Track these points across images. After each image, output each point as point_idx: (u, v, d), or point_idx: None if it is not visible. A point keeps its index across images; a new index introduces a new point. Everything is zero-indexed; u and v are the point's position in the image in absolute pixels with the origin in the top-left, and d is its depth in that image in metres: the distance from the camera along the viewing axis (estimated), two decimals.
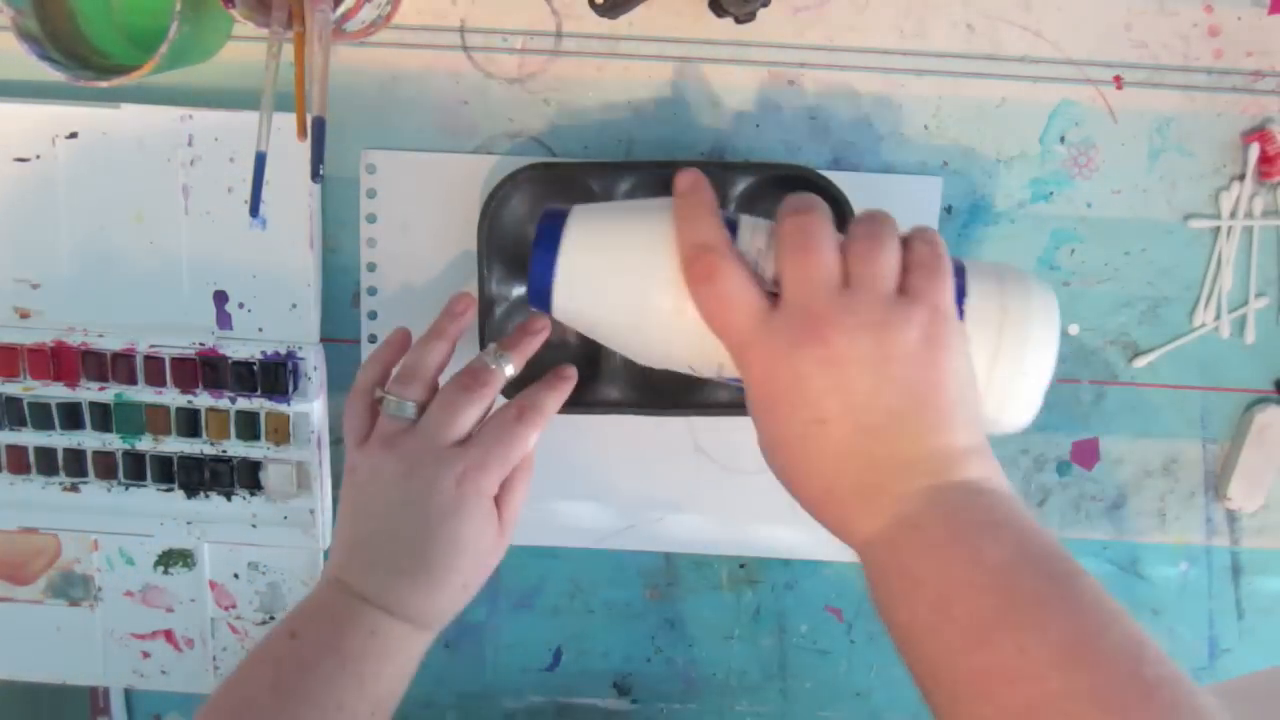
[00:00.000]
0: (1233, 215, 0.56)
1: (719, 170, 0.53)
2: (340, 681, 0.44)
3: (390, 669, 0.45)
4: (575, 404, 0.55)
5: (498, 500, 0.48)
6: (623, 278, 0.43)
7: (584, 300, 0.44)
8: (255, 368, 0.56)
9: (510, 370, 0.50)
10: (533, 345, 0.51)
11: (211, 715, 0.44)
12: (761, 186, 0.54)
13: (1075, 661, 0.33)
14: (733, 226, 0.43)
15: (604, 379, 0.55)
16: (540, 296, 0.44)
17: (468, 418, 0.48)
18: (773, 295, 0.41)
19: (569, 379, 0.52)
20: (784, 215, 0.41)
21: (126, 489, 0.58)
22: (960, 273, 0.43)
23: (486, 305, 0.53)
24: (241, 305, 0.56)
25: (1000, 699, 0.34)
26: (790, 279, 0.40)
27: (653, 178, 0.53)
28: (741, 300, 0.40)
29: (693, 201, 0.42)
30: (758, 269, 0.42)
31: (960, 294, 0.42)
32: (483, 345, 0.53)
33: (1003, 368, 0.41)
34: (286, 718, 0.43)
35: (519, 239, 0.55)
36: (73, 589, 0.60)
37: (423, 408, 0.48)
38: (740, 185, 0.53)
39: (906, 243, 0.41)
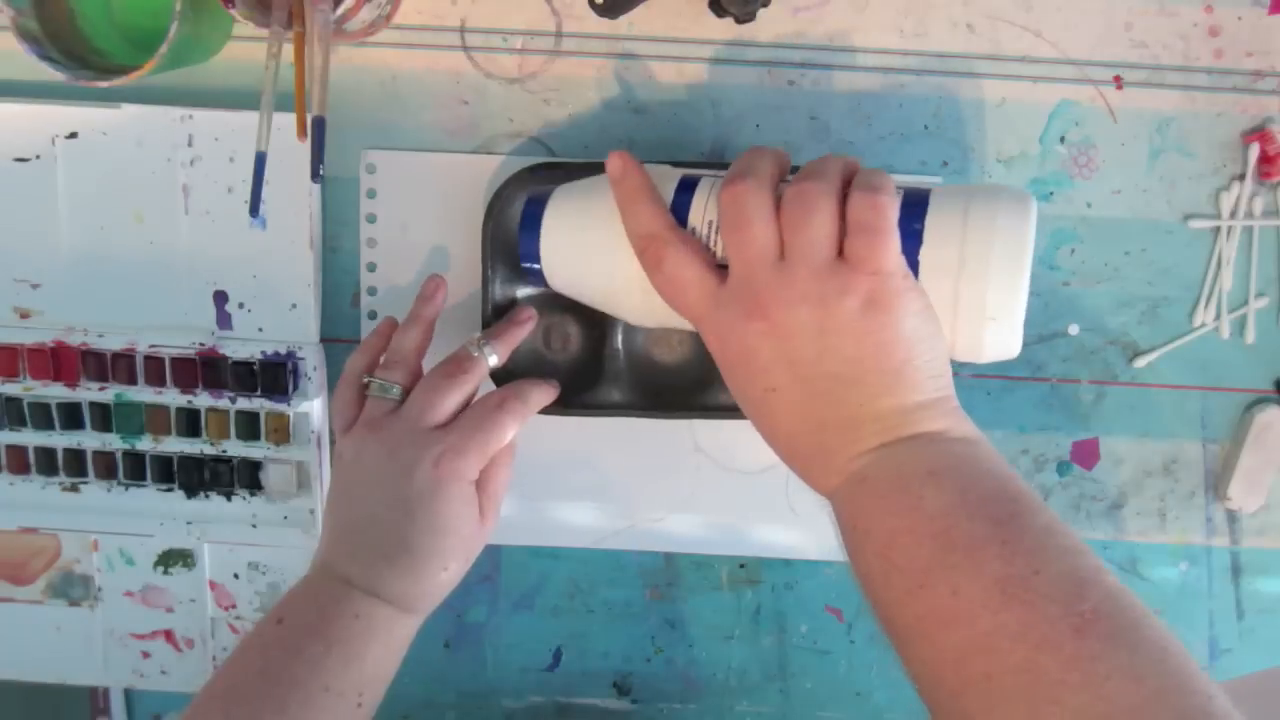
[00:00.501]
0: (1233, 215, 0.56)
1: (722, 168, 0.53)
2: (326, 664, 0.44)
3: (377, 651, 0.46)
4: (578, 406, 0.55)
5: (479, 488, 0.49)
6: (594, 254, 0.46)
7: (567, 276, 0.48)
8: (255, 368, 0.56)
9: (494, 360, 0.51)
10: (518, 335, 0.52)
11: (203, 703, 0.45)
12: None
13: (1006, 600, 0.34)
14: (691, 188, 0.44)
15: (607, 381, 0.55)
16: (531, 273, 0.48)
17: (449, 402, 0.48)
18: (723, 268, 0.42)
19: (555, 385, 0.53)
20: (723, 186, 0.42)
21: (126, 489, 0.58)
22: (921, 207, 0.41)
23: (492, 306, 0.53)
24: (241, 305, 0.56)
25: (938, 641, 0.35)
26: (732, 256, 0.41)
27: (657, 177, 0.53)
28: (690, 281, 0.42)
29: (627, 188, 0.44)
30: (711, 242, 0.43)
31: (917, 239, 0.40)
32: None
33: (965, 316, 0.40)
34: (275, 701, 0.43)
35: None
36: (73, 589, 0.60)
37: (408, 392, 0.50)
38: None
39: (848, 199, 0.40)
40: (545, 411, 0.54)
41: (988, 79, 0.55)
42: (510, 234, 0.54)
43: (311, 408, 0.57)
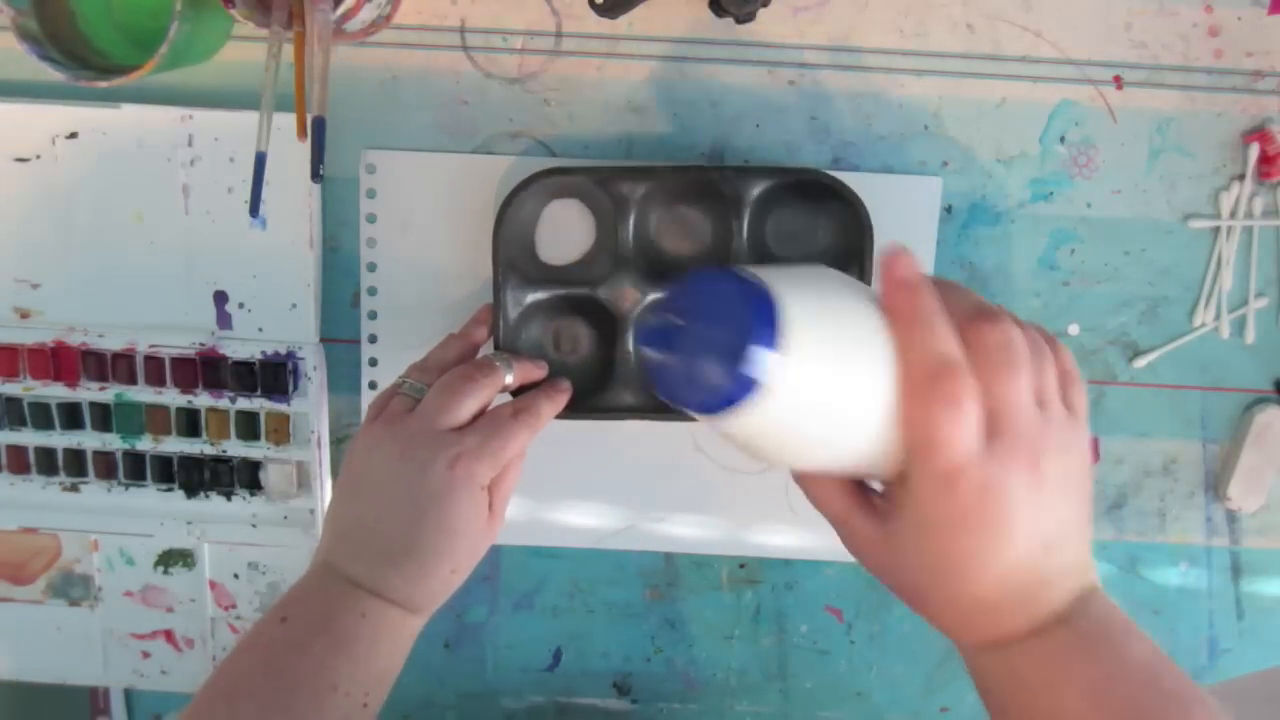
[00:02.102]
0: (1233, 215, 0.56)
1: (732, 174, 0.53)
2: (333, 663, 0.44)
3: (384, 648, 0.46)
4: (587, 409, 0.55)
5: (488, 490, 0.48)
6: (856, 374, 0.36)
7: (805, 403, 0.35)
8: (255, 368, 0.56)
9: (510, 379, 0.50)
10: (536, 376, 0.53)
11: (205, 701, 0.44)
12: (776, 191, 0.54)
13: None
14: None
15: (616, 384, 0.55)
16: (726, 397, 0.34)
17: (467, 406, 0.48)
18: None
19: (565, 391, 0.53)
20: (988, 325, 0.38)
21: (126, 489, 0.58)
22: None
23: (499, 311, 0.54)
24: (241, 305, 0.56)
25: None
26: (1007, 402, 0.37)
27: (668, 185, 0.53)
28: (973, 424, 0.37)
29: (925, 305, 0.37)
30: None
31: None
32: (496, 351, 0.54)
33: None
34: (281, 700, 0.43)
35: (532, 244, 0.55)
36: (73, 589, 0.60)
37: None
38: (755, 189, 0.53)
39: (1056, 351, 0.41)
40: (557, 415, 0.54)
41: (988, 79, 0.55)
42: (519, 238, 0.54)
43: (311, 408, 0.57)
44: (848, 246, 0.54)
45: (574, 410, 0.55)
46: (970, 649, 0.42)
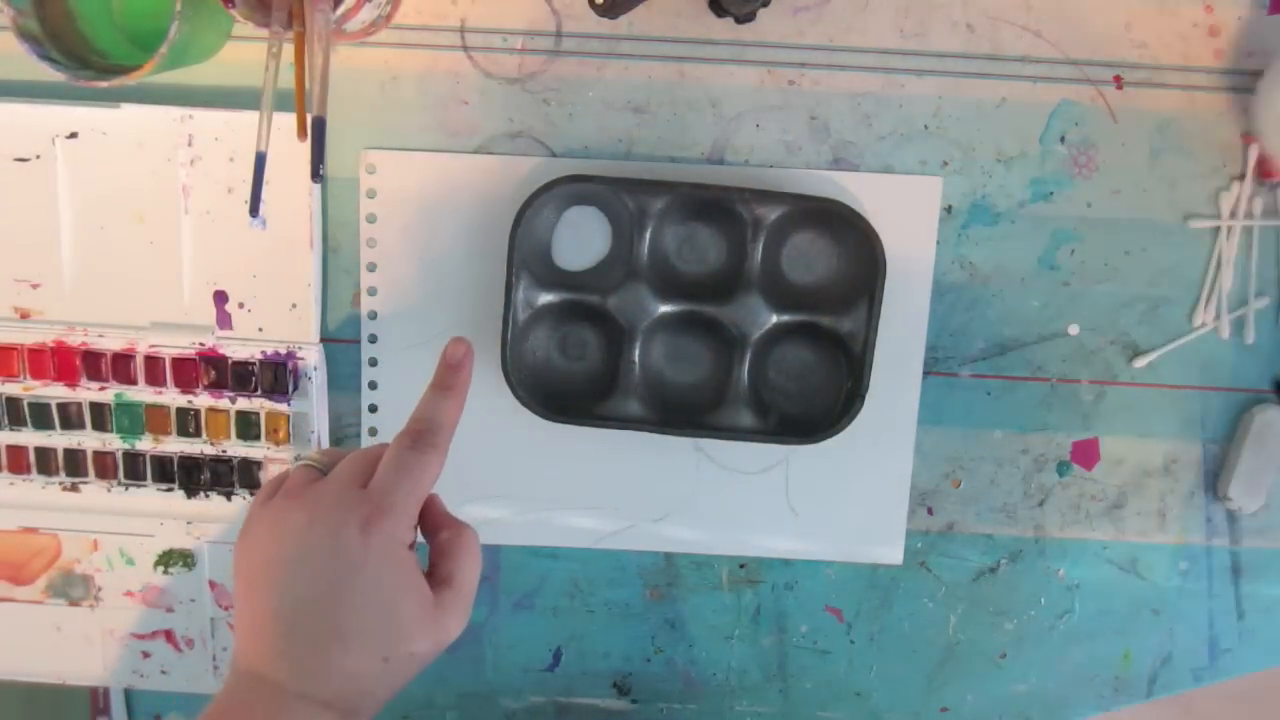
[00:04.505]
0: (1233, 215, 0.56)
1: (751, 196, 0.53)
2: None
3: None
4: (591, 417, 0.55)
5: (436, 577, 0.43)
6: None
7: None
8: (255, 368, 0.56)
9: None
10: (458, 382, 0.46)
11: None
12: (794, 215, 0.54)
13: None
14: None
15: (620, 393, 0.55)
16: None
17: (377, 455, 0.43)
18: None
19: (459, 366, 0.46)
20: None
21: (126, 489, 0.58)
22: None
23: (510, 313, 0.54)
24: (241, 305, 0.56)
25: None
26: None
27: (687, 198, 0.54)
28: None
29: None
30: None
31: None
32: (504, 353, 0.53)
33: None
34: None
35: (548, 248, 0.55)
36: (73, 589, 0.60)
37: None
38: (774, 214, 0.54)
39: None
40: (560, 420, 0.54)
41: (988, 79, 0.55)
42: (535, 242, 0.54)
43: (311, 408, 0.57)
44: (861, 277, 0.54)
45: (577, 418, 0.55)
46: None
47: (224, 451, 0.58)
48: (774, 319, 0.55)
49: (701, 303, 0.55)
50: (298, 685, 0.39)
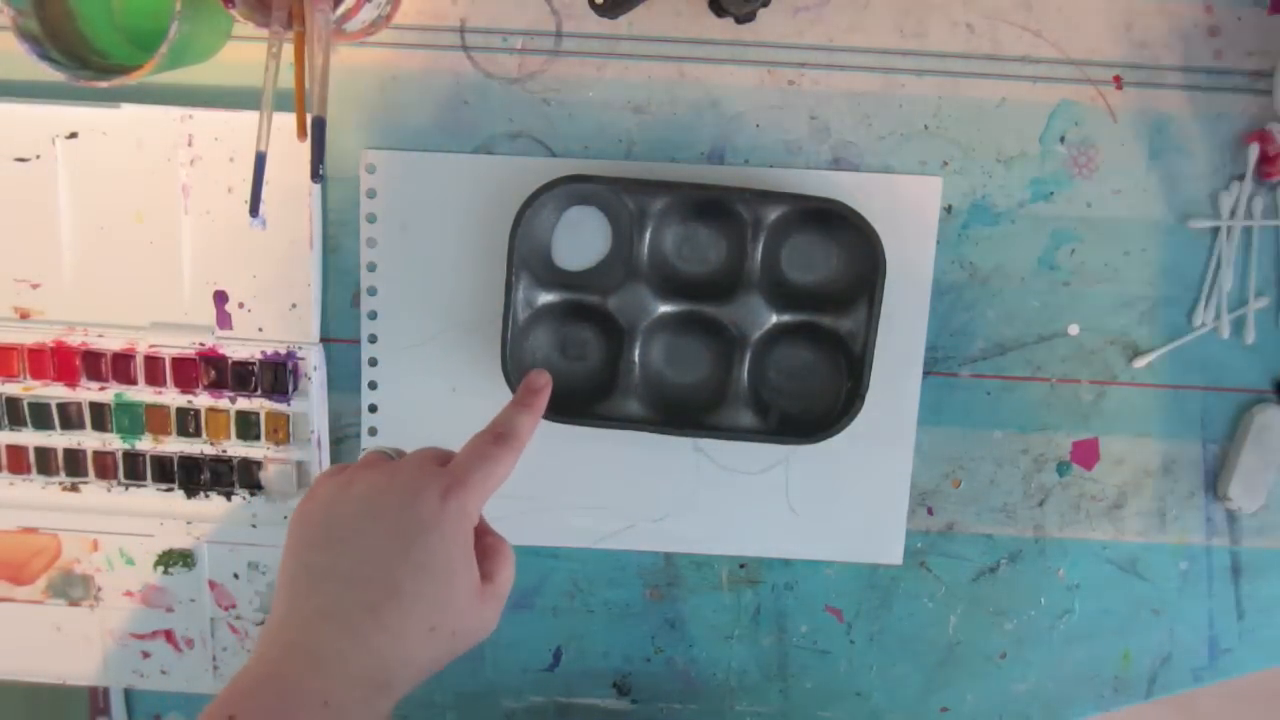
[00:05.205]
0: (1232, 215, 0.56)
1: (751, 197, 0.53)
2: None
3: None
4: (591, 416, 0.55)
5: (483, 572, 0.43)
6: None
7: None
8: (255, 368, 0.56)
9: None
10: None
11: None
12: (794, 216, 0.54)
13: None
14: None
15: (620, 393, 0.56)
16: None
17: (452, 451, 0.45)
18: None
19: (540, 391, 0.48)
20: None
21: (126, 489, 0.58)
22: None
23: (510, 313, 0.54)
24: (241, 305, 0.56)
25: None
26: None
27: (688, 198, 0.54)
28: None
29: None
30: None
31: None
32: (504, 352, 0.53)
33: None
34: None
35: (548, 248, 0.55)
36: (73, 589, 0.60)
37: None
38: (773, 214, 0.54)
39: None
40: (559, 420, 0.54)
41: (988, 79, 0.55)
42: (534, 242, 0.54)
43: (311, 408, 0.57)
44: (861, 277, 0.54)
45: (576, 417, 0.55)
46: None
47: (224, 451, 0.58)
48: (774, 319, 0.55)
49: (701, 303, 0.55)
50: (337, 647, 0.39)
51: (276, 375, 0.56)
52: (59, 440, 0.58)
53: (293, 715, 0.37)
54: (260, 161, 0.45)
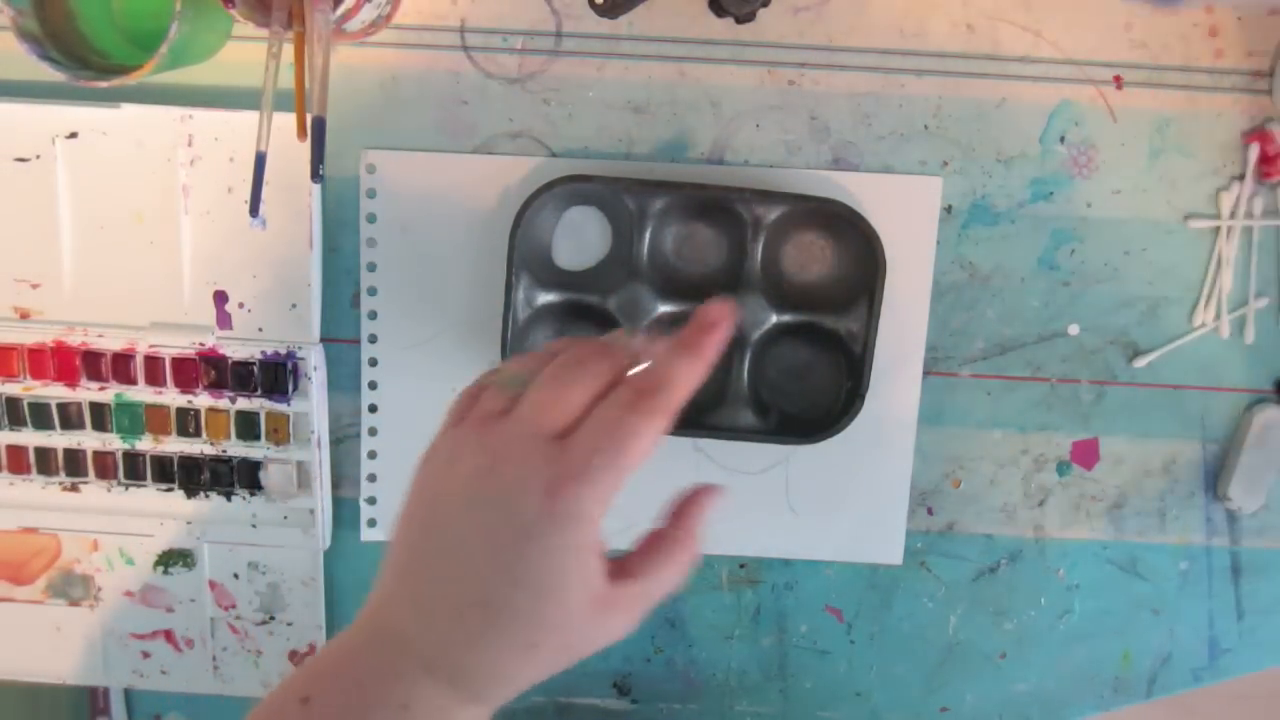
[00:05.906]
0: (1233, 215, 0.56)
1: (751, 197, 0.53)
2: None
3: None
4: None
5: (624, 570, 0.37)
6: None
7: None
8: (255, 368, 0.56)
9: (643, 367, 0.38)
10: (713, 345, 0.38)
11: None
12: (794, 215, 0.54)
13: None
14: None
15: None
16: None
17: (576, 397, 0.36)
18: None
19: (715, 327, 0.38)
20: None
21: (126, 489, 0.58)
22: None
23: (510, 313, 0.54)
24: (241, 305, 0.56)
25: None
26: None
27: (687, 198, 0.54)
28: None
29: None
30: None
31: None
32: (504, 352, 0.53)
33: None
34: None
35: (548, 248, 0.55)
36: (73, 589, 0.60)
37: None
38: (773, 214, 0.54)
39: None
40: None
41: (988, 79, 0.55)
42: (535, 242, 0.54)
43: (311, 408, 0.57)
44: (861, 277, 0.54)
45: None
46: None
47: (224, 451, 0.58)
48: (774, 319, 0.55)
49: (701, 302, 0.55)
50: (424, 648, 0.35)
51: (276, 375, 0.56)
52: (59, 440, 0.58)
53: (368, 711, 0.34)
54: (260, 161, 0.45)
